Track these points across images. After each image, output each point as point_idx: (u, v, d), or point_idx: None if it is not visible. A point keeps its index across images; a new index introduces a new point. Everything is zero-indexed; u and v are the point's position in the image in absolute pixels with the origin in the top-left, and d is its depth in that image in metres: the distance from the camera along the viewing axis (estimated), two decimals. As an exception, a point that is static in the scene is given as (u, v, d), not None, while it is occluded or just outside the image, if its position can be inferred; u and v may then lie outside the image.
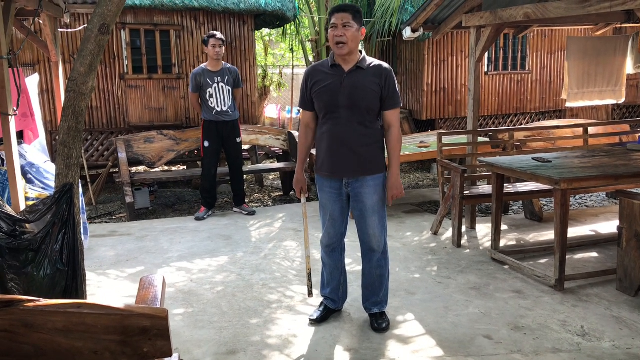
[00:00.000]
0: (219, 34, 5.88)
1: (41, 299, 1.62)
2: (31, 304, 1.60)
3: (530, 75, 9.75)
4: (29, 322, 1.58)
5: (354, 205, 3.36)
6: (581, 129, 5.99)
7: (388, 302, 3.56)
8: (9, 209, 2.87)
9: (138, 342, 1.66)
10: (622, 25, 6.85)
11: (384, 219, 3.39)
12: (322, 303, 3.61)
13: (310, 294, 3.56)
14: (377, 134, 3.31)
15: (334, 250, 3.51)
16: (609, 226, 5.42)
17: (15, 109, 3.69)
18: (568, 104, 7.00)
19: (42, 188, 4.24)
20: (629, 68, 7.21)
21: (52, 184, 4.04)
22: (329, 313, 3.57)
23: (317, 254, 4.70)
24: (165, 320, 1.66)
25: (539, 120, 10.00)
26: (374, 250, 3.41)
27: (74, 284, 2.98)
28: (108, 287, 4.21)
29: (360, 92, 3.19)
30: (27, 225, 2.84)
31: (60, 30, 5.90)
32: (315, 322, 3.49)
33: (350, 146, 3.23)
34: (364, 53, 3.30)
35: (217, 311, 3.71)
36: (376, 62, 3.30)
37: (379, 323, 3.41)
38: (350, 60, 3.23)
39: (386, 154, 3.37)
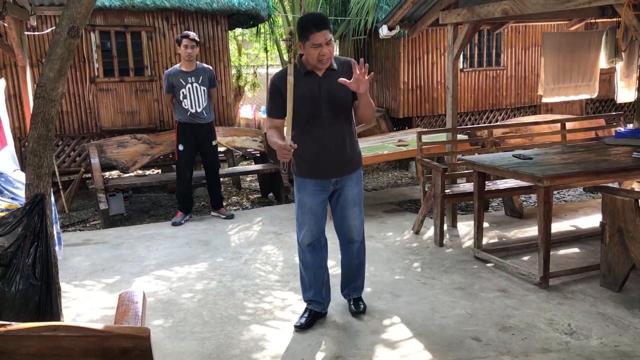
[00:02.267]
0: (192, 34, 5.74)
1: (13, 322, 1.51)
2: (1, 329, 1.49)
3: (505, 71, 9.79)
4: (0, 348, 1.48)
5: (336, 200, 3.41)
6: (558, 124, 6.01)
7: (373, 304, 3.59)
8: (-24, 223, 2.73)
9: (119, 364, 1.56)
10: (595, 20, 6.89)
11: (362, 208, 3.51)
12: (306, 309, 3.54)
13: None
14: (354, 127, 3.40)
15: (315, 248, 3.48)
16: (589, 221, 5.44)
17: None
18: (544, 100, 7.03)
19: (12, 198, 4.07)
20: (602, 63, 7.28)
21: (23, 193, 3.88)
22: (315, 318, 3.50)
23: (292, 256, 4.59)
24: (147, 340, 1.57)
25: (514, 116, 10.05)
26: (354, 241, 3.51)
27: (48, 299, 2.86)
28: (84, 299, 4.07)
29: (338, 94, 3.21)
30: (-4, 239, 2.71)
31: (26, 33, 5.72)
32: (300, 328, 3.41)
33: (339, 148, 3.29)
34: None
35: (199, 321, 3.60)
36: (341, 59, 3.32)
37: (357, 305, 3.59)
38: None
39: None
